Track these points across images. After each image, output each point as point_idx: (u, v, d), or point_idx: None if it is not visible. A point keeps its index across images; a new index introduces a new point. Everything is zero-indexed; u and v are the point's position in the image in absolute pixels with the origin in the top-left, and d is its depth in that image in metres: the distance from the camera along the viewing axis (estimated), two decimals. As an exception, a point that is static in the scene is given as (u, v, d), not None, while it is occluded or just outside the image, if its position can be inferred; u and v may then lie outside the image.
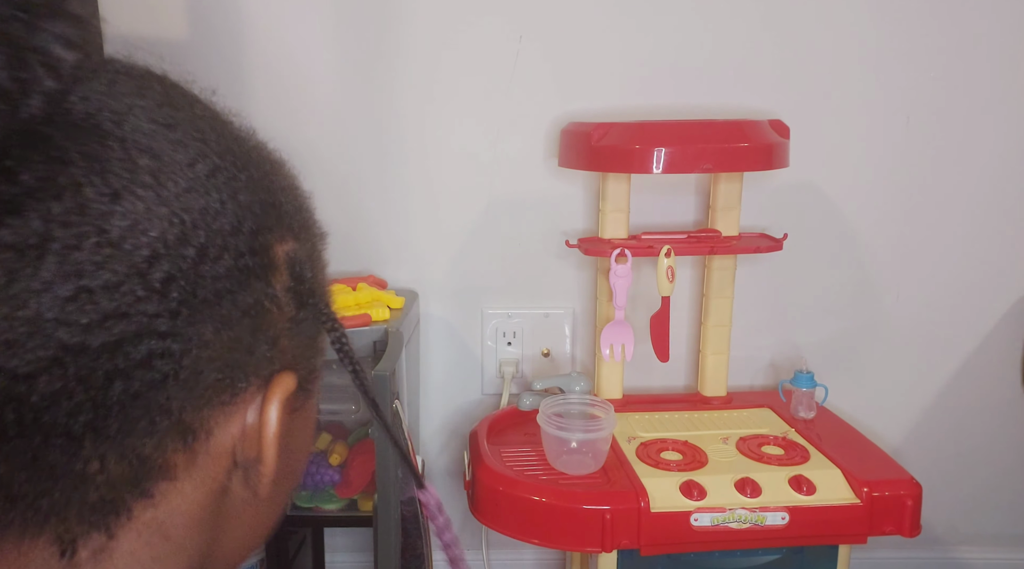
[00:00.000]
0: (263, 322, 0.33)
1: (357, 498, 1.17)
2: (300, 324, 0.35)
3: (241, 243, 0.31)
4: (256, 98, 1.15)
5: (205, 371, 0.31)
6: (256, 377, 0.33)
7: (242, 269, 0.31)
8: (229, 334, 0.31)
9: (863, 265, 1.24)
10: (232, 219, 0.31)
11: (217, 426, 0.32)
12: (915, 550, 1.33)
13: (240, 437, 0.33)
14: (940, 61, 1.17)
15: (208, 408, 0.32)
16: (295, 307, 0.35)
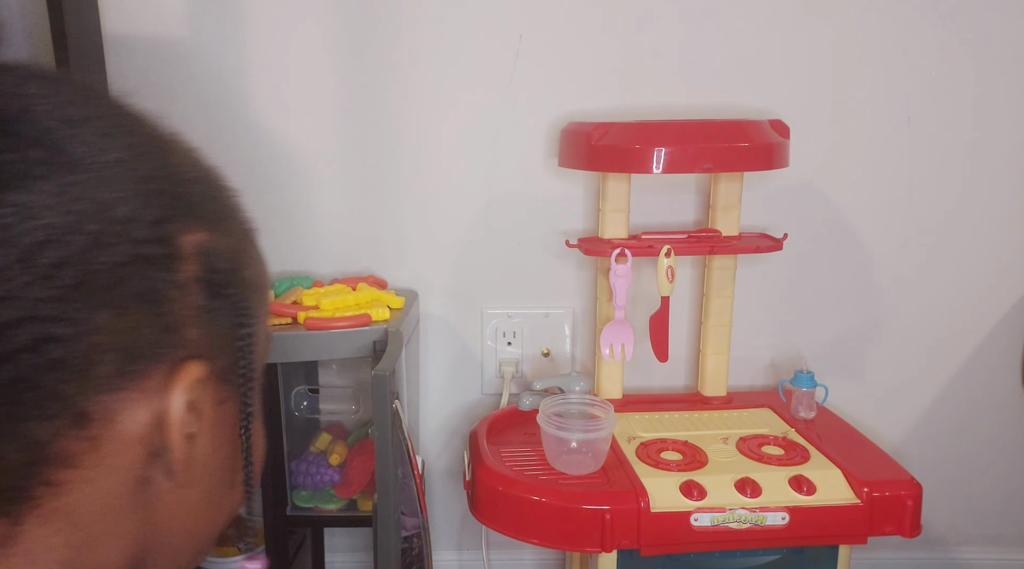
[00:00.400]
0: (166, 309, 0.33)
1: (357, 498, 1.17)
2: (213, 314, 0.36)
3: (141, 232, 0.32)
4: (256, 98, 1.15)
5: (100, 357, 0.31)
6: (160, 364, 0.34)
7: (142, 257, 0.32)
8: (127, 321, 0.32)
9: (863, 265, 1.24)
10: (131, 209, 0.32)
11: (120, 413, 0.32)
12: (915, 550, 1.33)
13: (152, 425, 0.34)
14: (940, 61, 1.17)
15: (105, 394, 0.32)
16: (206, 296, 0.35)
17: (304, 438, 1.20)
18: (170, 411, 0.34)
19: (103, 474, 0.33)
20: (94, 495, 0.33)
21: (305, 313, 1.01)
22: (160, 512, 0.36)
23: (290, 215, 1.19)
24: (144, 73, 1.13)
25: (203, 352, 0.35)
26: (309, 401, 1.20)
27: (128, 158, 0.33)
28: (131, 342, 0.32)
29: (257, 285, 0.41)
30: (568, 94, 1.16)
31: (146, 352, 0.33)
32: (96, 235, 0.31)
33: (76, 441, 0.32)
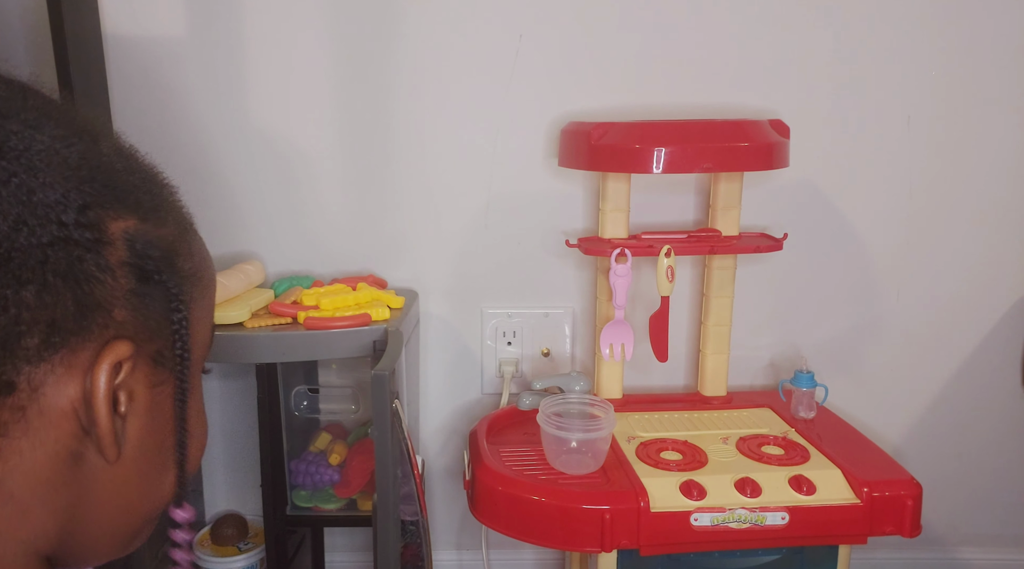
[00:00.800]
0: (92, 289, 0.35)
1: (356, 498, 1.17)
2: (144, 298, 0.37)
3: (67, 216, 0.34)
4: (256, 98, 1.15)
5: (25, 329, 0.33)
6: (87, 342, 0.35)
7: (68, 239, 0.34)
8: (51, 297, 0.34)
9: (863, 265, 1.24)
10: (56, 194, 0.34)
11: (46, 385, 0.34)
12: (915, 550, 1.33)
13: (81, 402, 0.36)
14: (941, 61, 1.17)
15: (30, 365, 0.34)
16: (136, 281, 0.37)
17: (304, 438, 1.20)
18: (95, 386, 0.35)
19: (33, 445, 0.35)
20: (25, 466, 0.35)
21: (305, 313, 1.01)
22: (94, 488, 0.38)
23: (290, 215, 1.19)
24: (144, 73, 1.13)
25: (132, 334, 0.37)
26: (309, 401, 1.20)
27: (56, 148, 0.35)
28: (55, 317, 0.34)
29: (196, 276, 0.42)
30: (568, 93, 1.16)
31: (70, 327, 0.35)
32: (20, 217, 0.33)
33: (3, 410, 0.34)
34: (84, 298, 0.35)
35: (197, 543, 1.22)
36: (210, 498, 1.30)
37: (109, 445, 0.37)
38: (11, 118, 0.35)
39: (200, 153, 1.16)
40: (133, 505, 0.41)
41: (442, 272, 1.22)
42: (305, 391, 1.19)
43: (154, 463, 0.41)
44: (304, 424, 1.21)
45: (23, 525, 0.36)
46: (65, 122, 0.37)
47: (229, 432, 1.27)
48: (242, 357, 0.98)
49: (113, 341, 0.36)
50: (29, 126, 0.35)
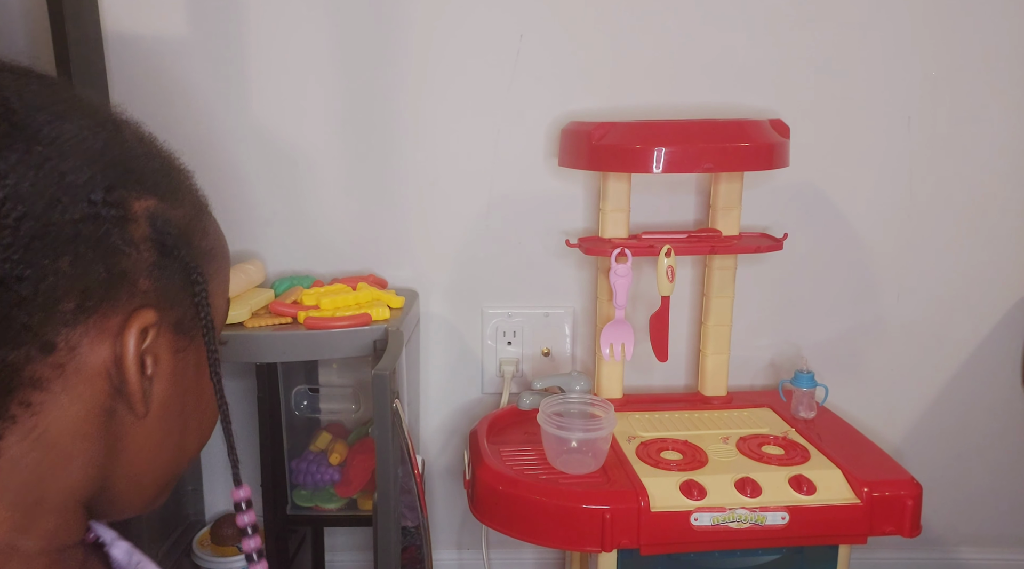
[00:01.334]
0: (117, 262, 0.39)
1: (357, 497, 1.17)
2: (165, 270, 0.42)
3: (96, 195, 0.38)
4: (256, 97, 1.15)
5: (62, 295, 0.37)
6: (117, 307, 0.39)
7: (96, 216, 0.38)
8: (84, 266, 0.38)
9: (863, 265, 1.24)
10: (85, 175, 0.38)
11: (82, 346, 0.39)
12: (915, 550, 1.33)
13: (113, 362, 0.40)
14: (941, 61, 1.17)
15: (68, 327, 0.38)
16: (157, 254, 0.41)
17: (304, 437, 1.20)
18: (126, 348, 0.40)
19: (71, 400, 0.39)
20: (64, 418, 0.39)
21: (305, 313, 1.01)
22: (125, 442, 0.42)
23: (290, 215, 1.19)
24: (144, 72, 1.13)
25: (156, 302, 0.41)
26: (309, 400, 1.20)
27: (84, 135, 0.39)
28: (88, 284, 0.38)
29: (211, 254, 0.46)
30: (568, 94, 1.16)
31: (101, 293, 0.39)
32: (54, 196, 0.37)
33: (45, 367, 0.38)
34: (112, 268, 0.39)
35: (196, 543, 1.22)
36: (210, 498, 1.30)
37: (139, 402, 0.41)
38: (43, 110, 0.38)
39: (201, 153, 1.16)
40: (160, 460, 0.45)
41: (442, 272, 1.22)
42: (305, 391, 1.19)
43: (177, 423, 0.45)
44: (304, 424, 1.21)
45: (65, 473, 0.40)
46: (90, 113, 0.41)
47: (229, 432, 1.27)
48: (242, 357, 0.98)
49: (140, 309, 0.40)
50: (59, 116, 0.39)
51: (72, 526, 0.42)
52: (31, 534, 0.39)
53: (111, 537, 0.47)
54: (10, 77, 0.39)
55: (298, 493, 1.17)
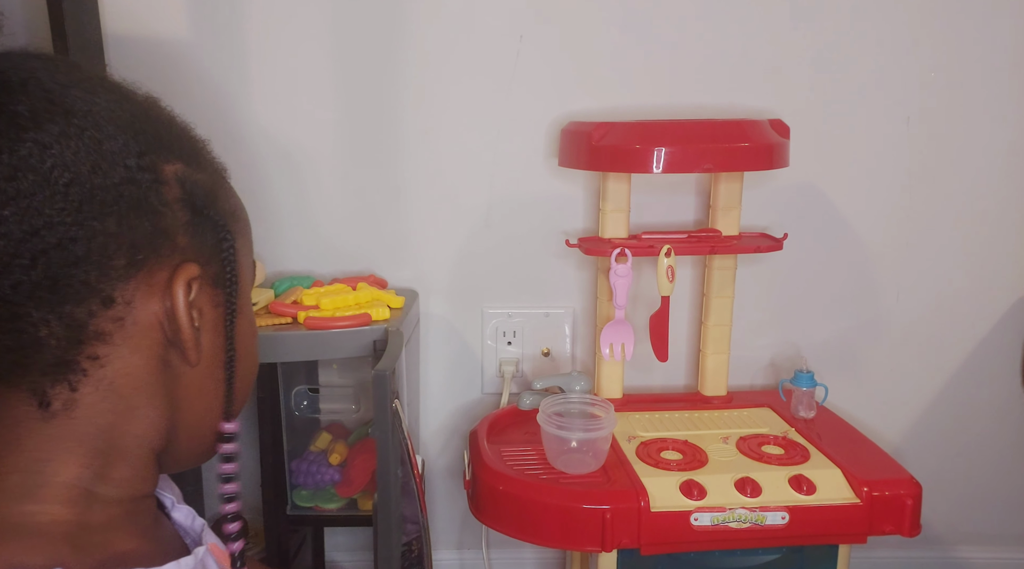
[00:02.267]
0: (157, 220, 0.43)
1: (357, 497, 1.17)
2: (198, 227, 0.45)
3: (130, 161, 0.42)
4: (257, 97, 1.15)
5: (113, 253, 0.41)
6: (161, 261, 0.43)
7: (133, 180, 0.42)
8: (128, 224, 0.41)
9: (863, 265, 1.24)
10: (119, 144, 0.42)
11: (136, 299, 0.42)
12: (915, 550, 1.33)
13: (164, 315, 0.44)
14: (941, 61, 1.17)
15: (122, 282, 0.42)
16: (188, 213, 0.45)
17: (304, 437, 1.20)
18: (176, 300, 0.43)
19: (131, 351, 0.43)
20: (128, 369, 0.43)
21: (305, 313, 1.01)
22: (181, 392, 0.46)
23: (290, 215, 1.19)
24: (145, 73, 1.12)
25: (196, 257, 0.45)
26: (309, 400, 1.20)
27: (113, 108, 0.43)
28: (134, 240, 0.42)
29: (235, 214, 0.50)
30: (568, 94, 1.16)
31: (148, 247, 0.42)
32: (95, 162, 0.40)
33: (106, 321, 0.42)
34: (154, 226, 0.42)
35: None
36: (210, 498, 1.30)
37: (191, 349, 0.45)
38: (73, 87, 0.42)
39: (200, 153, 1.16)
40: (212, 408, 0.49)
41: (443, 272, 1.22)
42: (305, 391, 1.19)
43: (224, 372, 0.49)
44: (304, 424, 1.21)
45: (135, 422, 0.44)
46: (115, 88, 0.46)
47: (229, 432, 1.27)
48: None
49: (184, 263, 0.44)
50: (89, 92, 0.42)
51: (145, 476, 0.45)
52: (108, 482, 0.43)
53: (171, 501, 0.51)
54: (38, 62, 0.43)
55: (298, 493, 1.17)
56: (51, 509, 0.41)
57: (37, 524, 0.40)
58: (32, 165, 0.38)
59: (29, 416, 0.41)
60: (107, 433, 0.43)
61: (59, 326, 0.40)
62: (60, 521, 0.41)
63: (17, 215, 0.38)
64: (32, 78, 0.41)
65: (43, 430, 0.41)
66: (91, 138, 0.40)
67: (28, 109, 0.39)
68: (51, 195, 0.39)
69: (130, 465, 0.44)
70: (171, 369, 0.45)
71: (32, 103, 0.40)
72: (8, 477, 0.41)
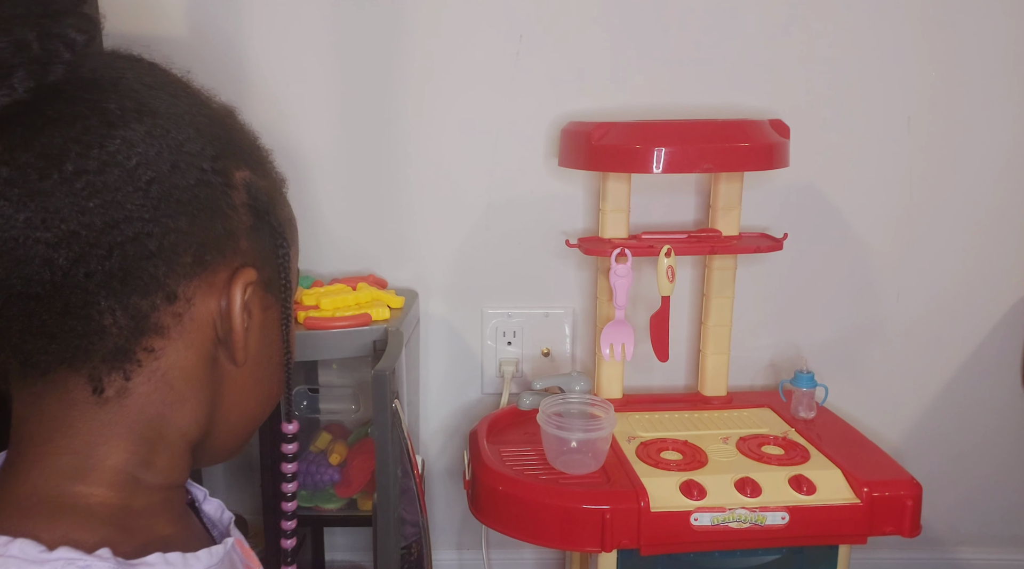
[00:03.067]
0: (225, 223, 0.44)
1: (357, 498, 1.17)
2: (258, 232, 0.47)
3: (205, 164, 0.43)
4: (256, 98, 1.15)
5: (182, 251, 0.42)
6: (224, 263, 0.44)
7: (206, 182, 0.43)
8: (199, 225, 0.43)
9: (863, 265, 1.24)
10: (197, 146, 0.43)
11: (196, 297, 0.43)
12: (915, 550, 1.33)
13: (219, 314, 0.45)
14: (941, 61, 1.17)
15: (186, 279, 0.43)
16: (252, 218, 0.46)
17: (304, 438, 1.20)
18: (233, 302, 0.45)
19: (185, 346, 0.44)
20: (180, 363, 0.44)
21: (305, 313, 1.01)
22: (224, 389, 0.48)
23: (290, 215, 1.19)
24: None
25: (254, 262, 0.46)
26: (309, 401, 1.20)
27: (193, 112, 0.45)
28: (203, 240, 0.43)
29: (290, 222, 0.52)
30: (568, 94, 1.16)
31: (214, 248, 0.44)
32: (175, 162, 0.42)
33: (167, 315, 0.43)
34: (221, 228, 0.44)
35: None
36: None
37: (240, 349, 0.46)
38: (159, 89, 0.44)
39: (200, 153, 1.16)
40: (252, 406, 0.51)
41: (442, 272, 1.22)
42: (305, 391, 1.19)
43: (264, 373, 0.50)
44: (304, 424, 1.21)
45: (182, 413, 0.45)
46: (195, 94, 0.47)
47: (229, 432, 1.27)
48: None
49: (243, 267, 0.45)
50: (172, 95, 0.44)
51: (182, 466, 0.47)
52: (151, 469, 0.44)
53: (203, 494, 0.53)
54: (127, 63, 0.45)
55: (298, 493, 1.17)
56: (99, 491, 0.42)
57: (87, 505, 0.42)
58: (119, 161, 0.40)
59: (84, 400, 0.43)
60: (154, 423, 0.44)
61: (123, 316, 0.41)
62: (107, 503, 0.42)
63: (101, 207, 0.39)
64: (123, 78, 0.43)
65: (96, 415, 0.43)
66: (173, 139, 0.42)
67: (118, 107, 0.41)
68: (133, 190, 0.40)
69: (171, 454, 0.45)
70: (218, 366, 0.46)
71: (122, 102, 0.41)
72: (60, 457, 0.42)
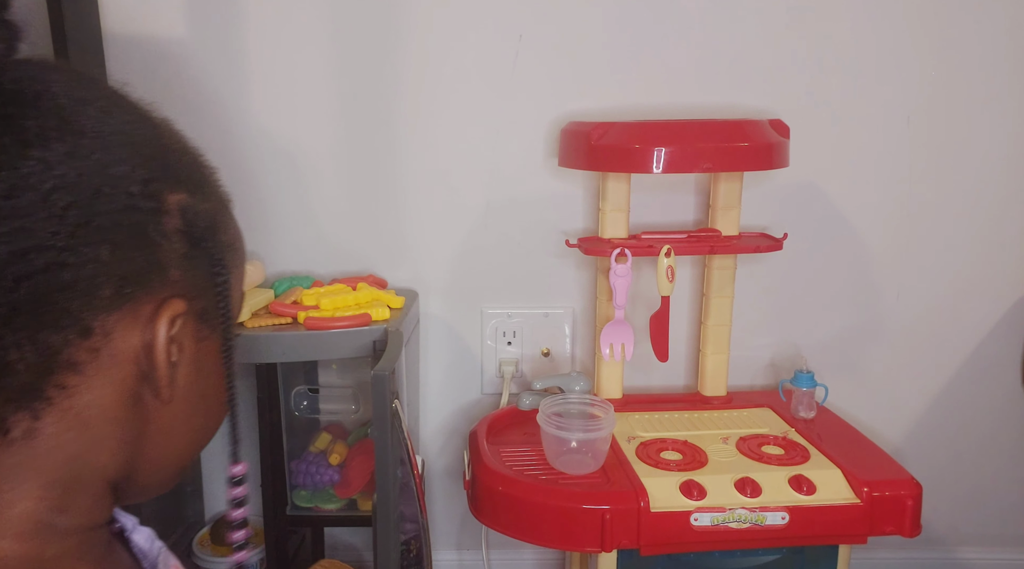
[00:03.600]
0: (152, 252, 0.41)
1: (357, 498, 1.17)
2: (193, 261, 0.43)
3: (134, 187, 0.40)
4: (256, 98, 1.15)
5: (101, 282, 0.39)
6: (150, 296, 0.41)
7: (134, 207, 0.40)
8: (122, 255, 0.39)
9: (863, 265, 1.24)
10: (126, 169, 0.40)
11: (116, 331, 0.40)
12: (915, 550, 1.33)
13: (142, 348, 0.41)
14: (941, 60, 1.17)
15: (105, 313, 0.39)
16: (187, 246, 0.43)
17: (304, 438, 1.20)
18: (156, 337, 0.41)
19: (103, 384, 0.41)
20: (98, 401, 0.41)
21: (305, 313, 1.01)
22: (150, 426, 0.44)
23: (290, 215, 1.19)
24: (144, 72, 1.13)
25: (184, 292, 0.43)
26: (309, 401, 1.20)
27: (125, 130, 0.41)
28: (125, 272, 0.40)
29: (233, 247, 0.48)
30: (568, 94, 1.16)
31: (138, 281, 0.40)
32: (98, 187, 0.39)
33: (81, 351, 0.39)
34: (148, 258, 0.41)
35: (196, 543, 1.22)
36: (210, 498, 1.30)
37: (165, 387, 0.43)
38: (89, 104, 0.41)
39: (200, 153, 1.16)
40: (182, 443, 0.47)
41: (442, 272, 1.22)
42: (305, 391, 1.19)
43: (198, 408, 0.47)
44: (304, 424, 1.21)
45: (98, 453, 0.42)
46: (131, 109, 0.44)
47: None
48: (242, 357, 0.98)
49: (171, 299, 0.42)
50: (103, 111, 0.41)
51: (102, 506, 0.43)
52: (67, 513, 0.41)
53: (132, 523, 0.49)
54: (57, 74, 0.41)
55: (298, 494, 1.17)
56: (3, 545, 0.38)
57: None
58: (32, 184, 0.37)
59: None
60: (68, 464, 0.41)
61: (32, 352, 0.38)
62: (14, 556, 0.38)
63: (7, 235, 0.36)
64: (47, 92, 0.39)
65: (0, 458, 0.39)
66: (97, 161, 0.39)
67: (37, 125, 0.38)
68: (47, 217, 0.37)
69: (89, 496, 0.42)
70: (142, 403, 0.43)
71: (42, 119, 0.38)
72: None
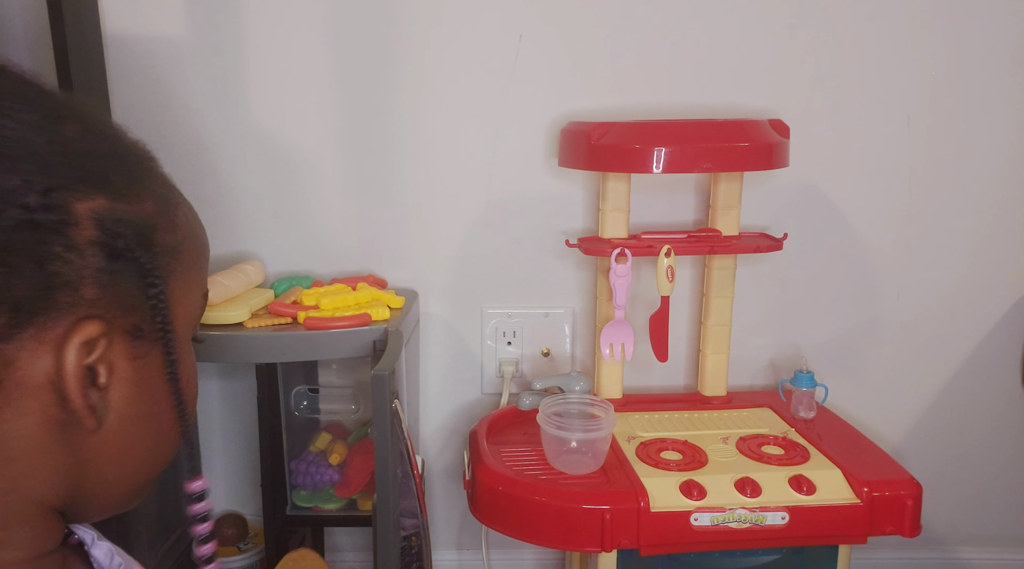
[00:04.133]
0: (58, 269, 0.36)
1: (357, 498, 1.17)
2: (115, 275, 0.38)
3: (31, 199, 0.35)
4: (256, 98, 1.15)
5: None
6: (55, 317, 0.37)
7: (32, 222, 0.35)
8: (17, 278, 0.35)
9: (863, 265, 1.24)
10: (21, 179, 0.35)
11: (19, 360, 0.36)
12: (915, 550, 1.33)
13: (56, 374, 0.37)
14: (941, 60, 1.17)
15: (2, 342, 0.35)
16: (105, 259, 0.38)
17: (304, 438, 1.20)
18: (65, 363, 0.37)
19: (16, 414, 0.37)
20: (16, 432, 0.37)
21: (305, 313, 1.01)
22: (88, 452, 0.40)
23: (290, 215, 1.19)
24: (144, 74, 1.13)
25: (103, 311, 0.38)
26: (309, 401, 1.20)
27: (23, 133, 0.36)
28: (21, 297, 0.35)
29: (178, 249, 0.43)
30: (568, 93, 1.16)
31: (36, 306, 0.36)
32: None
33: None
34: (49, 278, 0.36)
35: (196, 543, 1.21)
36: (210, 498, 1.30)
37: (85, 417, 0.38)
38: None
39: (200, 153, 1.16)
40: (134, 464, 0.43)
41: (442, 272, 1.22)
42: (305, 391, 1.19)
43: (148, 429, 0.43)
44: (304, 424, 1.21)
45: (30, 484, 0.38)
46: (36, 107, 0.38)
47: (229, 432, 1.27)
48: (242, 357, 0.98)
49: (83, 321, 0.37)
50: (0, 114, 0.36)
51: (48, 534, 0.40)
52: (9, 548, 0.38)
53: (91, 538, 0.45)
54: None
55: (298, 494, 1.17)
56: None
57: None
58: None
59: None
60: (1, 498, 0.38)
61: None
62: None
63: None
64: None
65: None
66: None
67: None
68: None
69: (29, 527, 0.39)
70: (72, 429, 0.39)
71: None
72: None
